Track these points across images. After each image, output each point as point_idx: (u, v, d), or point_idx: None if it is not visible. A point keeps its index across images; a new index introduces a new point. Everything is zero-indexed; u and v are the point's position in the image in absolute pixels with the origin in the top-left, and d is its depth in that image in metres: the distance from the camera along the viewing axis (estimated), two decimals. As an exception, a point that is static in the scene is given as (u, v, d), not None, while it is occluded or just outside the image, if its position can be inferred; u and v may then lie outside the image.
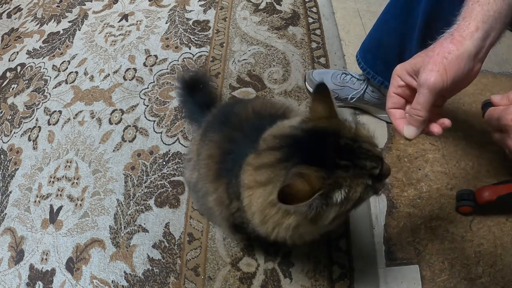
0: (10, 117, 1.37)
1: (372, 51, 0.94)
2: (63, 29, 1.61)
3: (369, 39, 0.96)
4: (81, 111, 1.28)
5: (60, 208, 1.08)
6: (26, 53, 1.57)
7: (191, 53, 1.35)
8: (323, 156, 0.47)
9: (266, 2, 1.47)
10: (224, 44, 1.35)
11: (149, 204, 1.02)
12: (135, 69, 1.35)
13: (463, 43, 0.43)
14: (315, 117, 0.52)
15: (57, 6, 1.75)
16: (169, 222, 0.98)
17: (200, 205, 0.88)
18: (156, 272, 0.92)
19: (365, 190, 0.49)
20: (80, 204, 1.07)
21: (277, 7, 1.45)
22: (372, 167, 0.48)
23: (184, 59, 1.34)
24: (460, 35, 0.44)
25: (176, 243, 0.95)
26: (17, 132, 1.32)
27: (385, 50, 0.89)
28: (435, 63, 0.44)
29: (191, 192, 0.98)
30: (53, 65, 1.47)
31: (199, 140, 0.77)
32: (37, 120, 1.32)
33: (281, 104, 0.74)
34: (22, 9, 1.83)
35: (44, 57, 1.52)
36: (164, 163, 1.09)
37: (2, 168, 1.25)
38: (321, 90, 0.52)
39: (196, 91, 1.01)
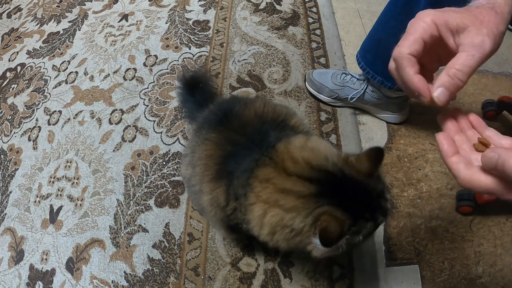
0: (10, 117, 1.37)
1: (372, 51, 0.94)
2: (63, 29, 1.61)
3: (369, 39, 0.96)
4: (81, 111, 1.28)
5: (60, 208, 1.08)
6: (26, 53, 1.57)
7: (191, 53, 1.35)
8: (355, 206, 0.52)
9: (266, 2, 1.47)
10: (224, 44, 1.35)
11: (149, 204, 1.02)
12: (135, 69, 1.35)
13: (502, 19, 0.40)
14: (357, 168, 0.54)
15: (57, 6, 1.75)
16: (169, 222, 0.98)
17: (193, 199, 0.88)
18: (156, 272, 0.92)
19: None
20: (80, 204, 1.07)
21: (277, 7, 1.45)
22: (382, 221, 0.54)
23: (184, 59, 1.33)
24: (501, 11, 0.40)
25: (176, 243, 0.95)
26: (17, 132, 1.32)
27: (385, 49, 0.88)
28: (491, 31, 0.39)
29: (185, 185, 0.98)
30: (53, 65, 1.47)
31: (193, 135, 0.77)
32: (37, 120, 1.32)
33: (282, 107, 0.74)
34: (22, 9, 1.82)
35: (44, 57, 1.52)
36: (164, 163, 1.09)
37: (2, 168, 1.25)
38: (377, 153, 0.54)
39: (196, 90, 1.01)
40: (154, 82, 1.30)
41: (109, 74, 1.36)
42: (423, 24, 0.41)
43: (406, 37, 0.43)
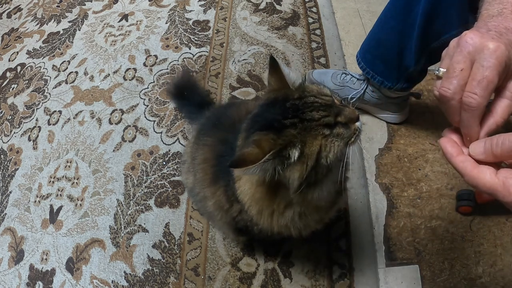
0: (10, 117, 1.37)
1: (372, 51, 0.94)
2: (63, 29, 1.61)
3: (369, 39, 0.96)
4: (81, 111, 1.28)
5: (60, 208, 1.08)
6: (26, 53, 1.57)
7: (191, 53, 1.35)
8: (271, 121, 0.48)
9: (266, 2, 1.47)
10: (224, 44, 1.35)
11: (149, 204, 1.02)
12: (135, 69, 1.35)
13: None
14: (271, 89, 0.53)
15: (57, 6, 1.75)
16: (169, 222, 0.98)
17: (199, 207, 0.88)
18: (156, 272, 0.92)
19: (327, 142, 0.47)
20: (80, 204, 1.07)
21: (277, 7, 1.45)
22: (323, 117, 0.47)
23: (184, 59, 1.33)
24: None
25: (176, 243, 0.95)
26: (17, 132, 1.32)
27: (385, 49, 0.89)
28: None
29: (189, 195, 0.99)
30: (53, 65, 1.47)
31: (193, 143, 0.78)
32: (37, 120, 1.32)
33: None
34: (22, 9, 1.82)
35: (44, 57, 1.52)
36: (164, 163, 1.09)
37: (2, 168, 1.25)
38: (272, 63, 0.53)
39: (186, 94, 1.02)
40: (154, 82, 1.30)
41: (109, 74, 1.36)
42: (496, 62, 0.34)
43: (480, 78, 0.35)
